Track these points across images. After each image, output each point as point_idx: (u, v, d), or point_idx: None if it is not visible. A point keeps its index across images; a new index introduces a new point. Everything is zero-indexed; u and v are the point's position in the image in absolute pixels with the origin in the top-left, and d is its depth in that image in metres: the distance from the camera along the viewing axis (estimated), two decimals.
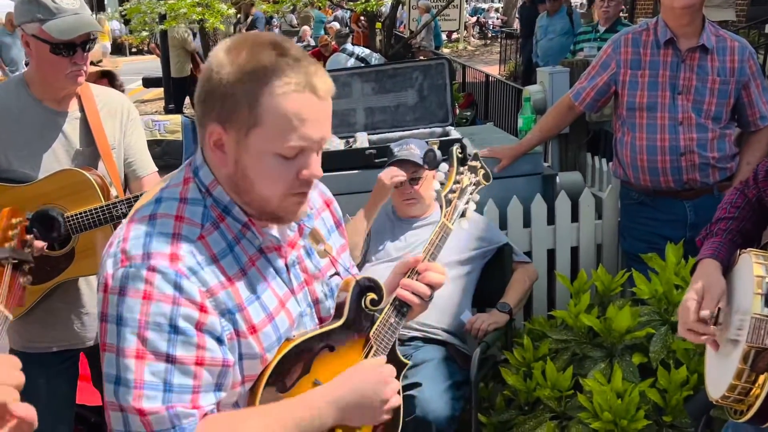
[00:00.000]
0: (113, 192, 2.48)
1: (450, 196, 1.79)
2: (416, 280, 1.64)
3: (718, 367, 1.87)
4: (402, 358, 1.65)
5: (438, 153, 2.39)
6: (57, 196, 2.38)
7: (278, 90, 1.32)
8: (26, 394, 2.58)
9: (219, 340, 1.35)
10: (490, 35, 26.03)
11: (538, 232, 3.71)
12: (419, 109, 4.12)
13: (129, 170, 2.60)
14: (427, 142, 3.34)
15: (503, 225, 3.64)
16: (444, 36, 20.90)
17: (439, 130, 4.05)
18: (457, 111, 9.18)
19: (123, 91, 5.26)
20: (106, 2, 41.18)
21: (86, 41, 2.37)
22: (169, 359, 1.30)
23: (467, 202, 1.81)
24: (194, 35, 11.22)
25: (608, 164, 3.97)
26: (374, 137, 3.95)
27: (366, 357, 1.56)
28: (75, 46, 2.34)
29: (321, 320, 1.58)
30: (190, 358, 1.31)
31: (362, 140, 3.86)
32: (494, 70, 13.68)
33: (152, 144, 5.94)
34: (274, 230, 1.49)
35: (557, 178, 3.90)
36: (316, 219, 1.63)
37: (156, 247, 1.33)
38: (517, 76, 13.04)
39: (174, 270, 1.31)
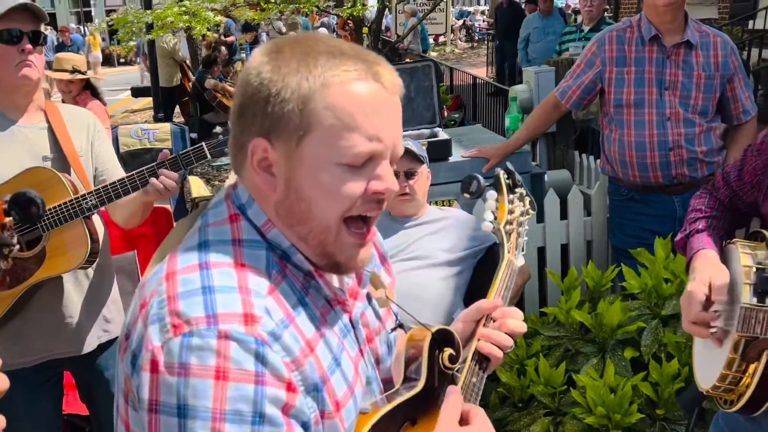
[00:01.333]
0: (77, 183, 2.42)
1: (509, 228, 1.55)
2: (494, 328, 1.36)
3: (708, 357, 1.87)
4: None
5: (480, 179, 2.16)
6: None
7: (335, 79, 1.06)
8: (6, 418, 2.49)
9: (305, 427, 1.06)
10: (477, 38, 26.17)
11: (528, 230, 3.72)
12: (407, 111, 4.09)
13: (100, 179, 2.54)
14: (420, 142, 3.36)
15: None
16: (431, 39, 20.99)
17: (427, 131, 4.07)
18: (446, 113, 9.22)
19: (105, 104, 5.28)
20: (93, 13, 41.18)
21: (36, 33, 2.33)
22: None
23: (524, 235, 1.60)
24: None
25: (596, 161, 4.00)
26: None
27: None
28: (21, 34, 2.28)
29: (384, 383, 1.30)
30: None
31: None
32: (482, 73, 13.76)
33: (142, 152, 5.99)
34: (335, 281, 1.21)
35: (545, 176, 3.94)
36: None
37: (223, 306, 1.01)
38: (505, 78, 13.11)
39: (253, 336, 1.00)
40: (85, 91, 5.06)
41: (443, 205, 3.56)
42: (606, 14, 8.02)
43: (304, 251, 1.13)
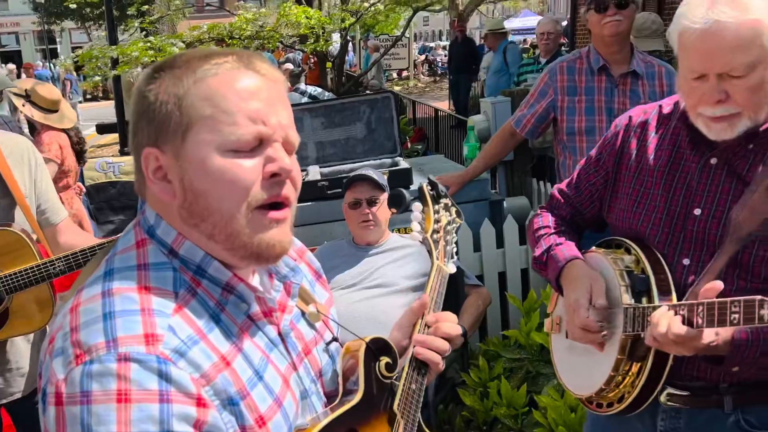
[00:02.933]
0: (34, 237, 2.40)
1: (436, 236, 1.59)
2: (429, 334, 1.36)
3: (581, 364, 1.90)
4: (426, 430, 1.39)
5: (406, 193, 2.24)
6: None
7: (208, 72, 1.07)
8: None
9: None
10: (439, 72, 26.56)
11: (488, 255, 3.82)
12: (368, 141, 4.23)
13: (42, 218, 2.51)
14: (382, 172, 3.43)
15: None
16: (394, 74, 21.25)
17: (388, 161, 4.15)
18: (409, 145, 9.34)
19: (83, 143, 5.28)
20: (59, 50, 40.96)
21: None
22: None
23: (453, 242, 1.63)
24: None
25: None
26: (326, 170, 4.04)
27: None
28: None
29: (327, 396, 1.29)
30: None
31: (314, 173, 3.95)
32: (444, 106, 13.95)
33: (107, 186, 5.99)
34: (256, 281, 1.20)
35: (504, 202, 4.03)
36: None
37: (123, 330, 0.99)
38: (463, 111, 13.34)
39: (155, 355, 0.98)
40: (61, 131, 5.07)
41: (404, 233, 3.63)
42: (563, 48, 8.19)
43: (219, 255, 1.11)
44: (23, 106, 4.95)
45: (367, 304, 3.06)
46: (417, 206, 1.64)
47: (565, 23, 11.36)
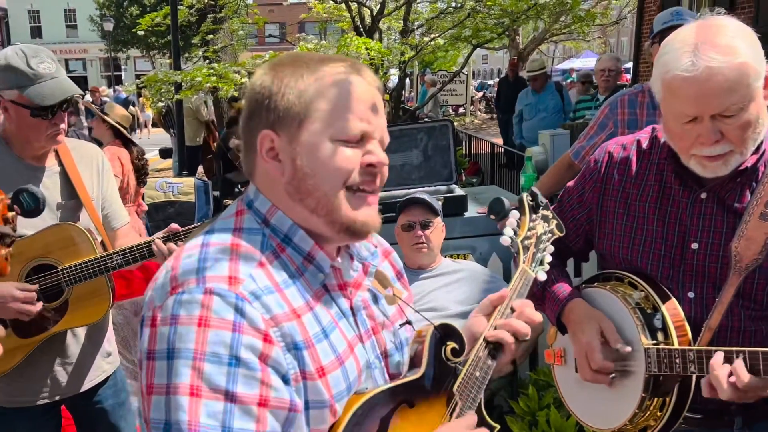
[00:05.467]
0: (99, 239, 2.49)
1: (527, 242, 1.66)
2: (513, 317, 1.44)
3: (601, 399, 1.91)
4: (489, 420, 1.44)
5: (506, 201, 2.22)
6: (50, 249, 2.39)
7: (326, 74, 1.25)
8: None
9: (284, 379, 1.17)
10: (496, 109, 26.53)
11: None
12: (424, 168, 4.25)
13: (105, 222, 2.61)
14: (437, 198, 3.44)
15: (507, 277, 3.70)
16: (451, 110, 21.35)
17: (443, 188, 4.16)
18: (463, 177, 9.35)
19: (144, 159, 5.43)
20: (123, 77, 42.39)
21: (64, 102, 2.37)
22: (229, 397, 1.10)
23: (544, 251, 1.68)
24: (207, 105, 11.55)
25: None
26: (380, 194, 4.06)
27: (451, 415, 1.35)
28: (54, 108, 2.33)
29: (391, 377, 1.38)
30: (252, 397, 1.12)
31: None
32: (500, 142, 13.93)
33: (165, 205, 6.12)
34: (337, 262, 1.33)
35: None
36: (381, 263, 1.47)
37: (212, 271, 1.17)
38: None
39: (235, 293, 1.15)
40: (116, 140, 5.23)
41: (458, 259, 3.63)
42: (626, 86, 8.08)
43: (318, 228, 1.28)
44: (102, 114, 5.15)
45: (417, 327, 3.06)
46: (514, 214, 1.71)
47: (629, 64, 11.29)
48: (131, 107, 18.67)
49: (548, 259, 1.68)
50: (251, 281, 1.18)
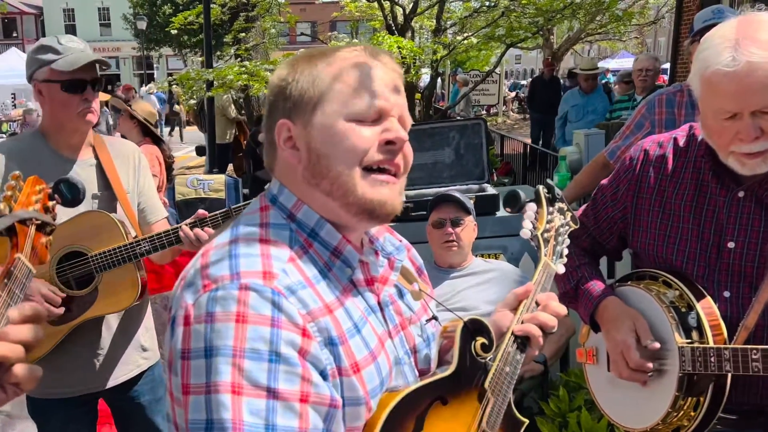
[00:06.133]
0: (132, 233, 2.52)
1: (546, 235, 1.65)
2: (538, 310, 1.44)
3: (632, 398, 1.89)
4: (519, 416, 1.45)
5: (521, 193, 2.14)
6: (80, 237, 2.42)
7: (340, 58, 1.25)
8: None
9: (323, 375, 1.14)
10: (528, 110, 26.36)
11: None
12: (456, 166, 4.21)
13: (140, 216, 2.64)
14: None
15: None
16: (483, 110, 21.24)
17: (475, 186, 4.13)
18: (495, 177, 9.28)
19: (164, 151, 5.46)
20: (155, 76, 42.89)
21: (95, 80, 2.44)
22: (271, 393, 1.08)
23: (563, 243, 1.67)
24: (240, 106, 11.61)
25: None
26: (411, 192, 4.04)
27: (484, 411, 1.35)
28: (85, 84, 2.41)
29: (420, 372, 1.37)
30: (294, 393, 1.09)
31: None
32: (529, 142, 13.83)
33: (196, 202, 6.17)
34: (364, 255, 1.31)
35: None
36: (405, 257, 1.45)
37: (246, 266, 1.15)
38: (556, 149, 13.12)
39: (271, 288, 1.12)
40: (146, 138, 5.26)
41: (489, 258, 3.59)
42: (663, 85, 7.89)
43: (335, 215, 1.25)
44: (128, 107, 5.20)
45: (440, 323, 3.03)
46: (531, 206, 1.69)
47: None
48: (159, 106, 18.91)
49: (566, 251, 1.67)
50: (285, 276, 1.15)
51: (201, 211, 2.49)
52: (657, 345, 1.80)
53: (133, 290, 2.47)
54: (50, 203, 1.50)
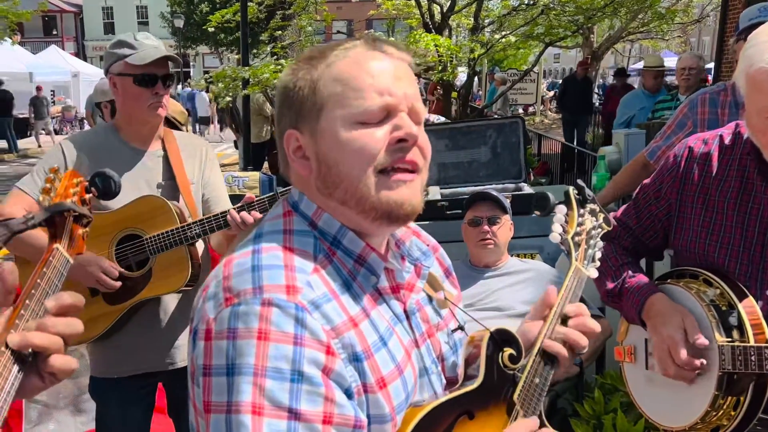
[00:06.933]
0: (189, 221, 2.58)
1: (577, 239, 1.59)
2: (572, 326, 1.37)
3: (670, 396, 1.88)
4: (551, 428, 1.37)
5: (550, 195, 2.05)
6: (137, 220, 2.52)
7: (338, 57, 1.18)
8: (102, 420, 2.66)
9: (347, 393, 1.10)
10: None
11: None
12: (492, 165, 4.18)
13: (206, 206, 2.72)
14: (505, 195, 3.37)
15: None
16: (520, 109, 21.08)
17: (512, 185, 4.09)
18: (532, 177, 9.21)
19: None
20: (191, 74, 43.38)
21: (166, 75, 2.55)
22: (293, 414, 1.04)
23: (595, 247, 1.61)
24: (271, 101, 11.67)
25: None
26: (446, 191, 4.02)
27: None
28: (156, 78, 2.52)
29: (448, 381, 1.33)
30: (316, 414, 1.05)
31: (434, 193, 3.94)
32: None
33: (231, 198, 6.21)
34: (391, 263, 1.26)
35: None
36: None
37: (268, 280, 1.10)
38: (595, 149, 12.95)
39: (294, 303, 1.08)
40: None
41: (525, 258, 3.55)
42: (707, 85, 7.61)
43: (354, 223, 1.20)
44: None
45: (477, 328, 3.00)
46: (561, 209, 1.63)
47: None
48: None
49: (599, 254, 1.61)
50: (309, 289, 1.11)
51: (249, 195, 2.54)
52: (705, 341, 1.77)
53: (183, 273, 2.53)
54: (87, 196, 1.53)
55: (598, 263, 1.59)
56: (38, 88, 22.01)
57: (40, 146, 20.39)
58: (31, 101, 21.11)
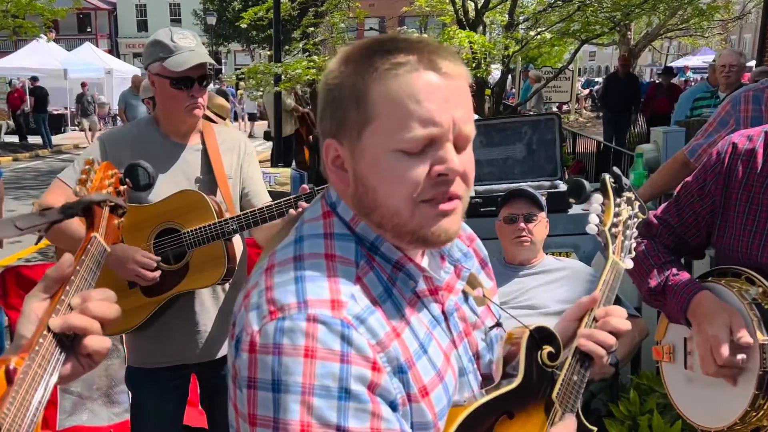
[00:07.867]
0: (226, 216, 2.59)
1: (614, 230, 1.55)
2: (597, 327, 1.37)
3: (709, 396, 1.85)
4: (588, 425, 1.38)
5: (586, 183, 2.00)
6: (176, 214, 2.54)
7: (386, 74, 1.10)
8: (137, 409, 2.72)
9: (392, 406, 1.11)
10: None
11: None
12: (527, 162, 4.14)
13: (245, 200, 2.74)
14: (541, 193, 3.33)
15: None
16: (554, 107, 20.89)
17: (547, 183, 4.04)
18: (567, 175, 9.11)
19: None
20: (223, 71, 43.74)
21: (203, 76, 2.56)
22: None
23: (631, 237, 1.58)
24: (307, 101, 11.67)
25: None
26: (481, 188, 3.98)
27: (552, 423, 1.30)
28: (192, 81, 2.53)
29: (483, 378, 1.33)
30: (364, 431, 1.06)
31: None
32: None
33: None
34: (425, 262, 1.26)
35: None
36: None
37: (312, 293, 1.10)
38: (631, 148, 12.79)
39: (340, 319, 1.08)
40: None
41: (560, 257, 3.50)
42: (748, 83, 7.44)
43: (388, 239, 1.18)
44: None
45: (513, 324, 2.96)
46: (597, 198, 1.60)
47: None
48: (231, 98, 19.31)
49: (634, 245, 1.58)
50: (354, 303, 1.11)
51: (303, 186, 2.56)
52: (750, 339, 1.73)
53: (220, 269, 2.54)
54: (122, 188, 1.56)
55: (633, 254, 1.57)
56: (83, 85, 22.35)
57: (90, 141, 20.74)
58: (77, 98, 21.46)
